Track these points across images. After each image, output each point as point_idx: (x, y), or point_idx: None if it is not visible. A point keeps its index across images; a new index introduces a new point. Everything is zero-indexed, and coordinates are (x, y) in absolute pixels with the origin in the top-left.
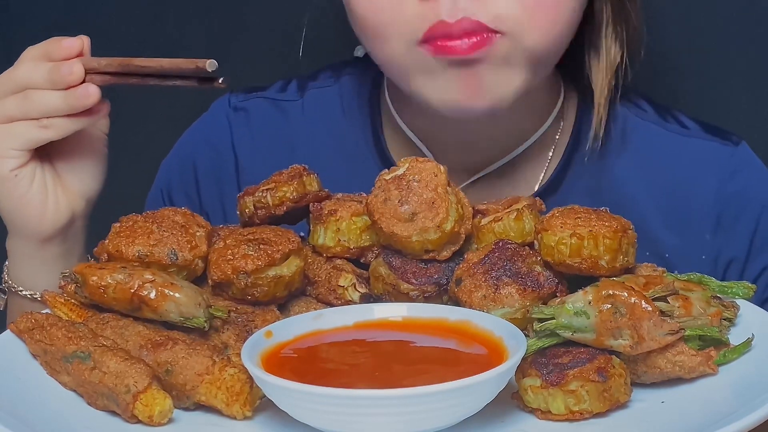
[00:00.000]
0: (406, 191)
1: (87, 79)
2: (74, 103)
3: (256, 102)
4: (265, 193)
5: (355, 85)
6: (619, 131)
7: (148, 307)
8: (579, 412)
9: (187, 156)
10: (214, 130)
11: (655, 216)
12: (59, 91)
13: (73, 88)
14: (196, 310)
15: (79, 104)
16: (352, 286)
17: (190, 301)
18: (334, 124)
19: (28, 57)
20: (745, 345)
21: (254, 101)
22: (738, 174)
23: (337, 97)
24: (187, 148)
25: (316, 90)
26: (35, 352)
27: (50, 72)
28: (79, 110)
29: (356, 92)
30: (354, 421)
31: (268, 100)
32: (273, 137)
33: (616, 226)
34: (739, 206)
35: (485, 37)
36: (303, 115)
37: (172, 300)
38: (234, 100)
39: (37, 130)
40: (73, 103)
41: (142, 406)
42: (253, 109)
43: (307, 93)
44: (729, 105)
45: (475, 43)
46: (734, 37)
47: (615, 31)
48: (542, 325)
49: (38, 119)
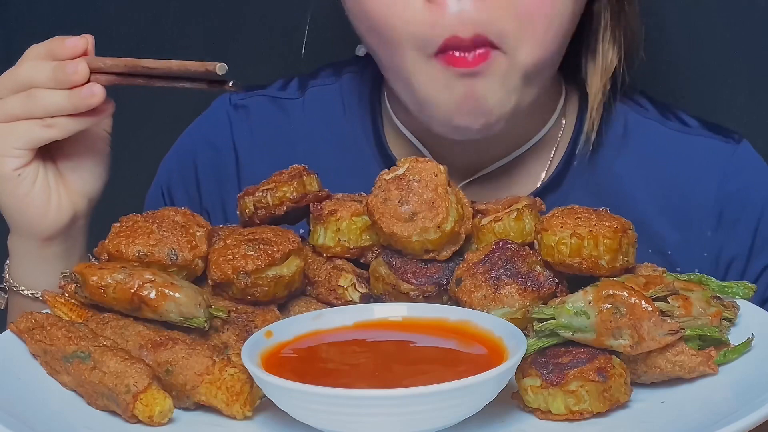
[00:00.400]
0: (406, 191)
1: (92, 78)
2: (78, 103)
3: (256, 100)
4: (265, 193)
5: (356, 83)
6: (620, 129)
7: (148, 307)
8: (579, 412)
9: (188, 154)
10: (214, 128)
11: (657, 213)
12: (63, 90)
13: (77, 87)
14: (196, 310)
15: (83, 104)
16: (352, 286)
17: (190, 301)
18: (335, 122)
19: (31, 55)
20: (745, 345)
21: (255, 99)
22: (739, 172)
23: (338, 95)
24: (188, 145)
25: (316, 88)
26: (35, 352)
27: (54, 71)
28: (83, 110)
29: (357, 91)
30: (354, 421)
31: (269, 98)
32: (273, 135)
33: (616, 226)
34: (740, 204)
35: (487, 51)
36: (303, 114)
37: (172, 300)
38: (234, 97)
39: (41, 129)
40: (78, 103)
41: (142, 406)
42: (253, 106)
43: (308, 91)
44: (729, 104)
45: (480, 56)
46: (734, 37)
47: (613, 36)
48: (542, 325)
49: (42, 118)
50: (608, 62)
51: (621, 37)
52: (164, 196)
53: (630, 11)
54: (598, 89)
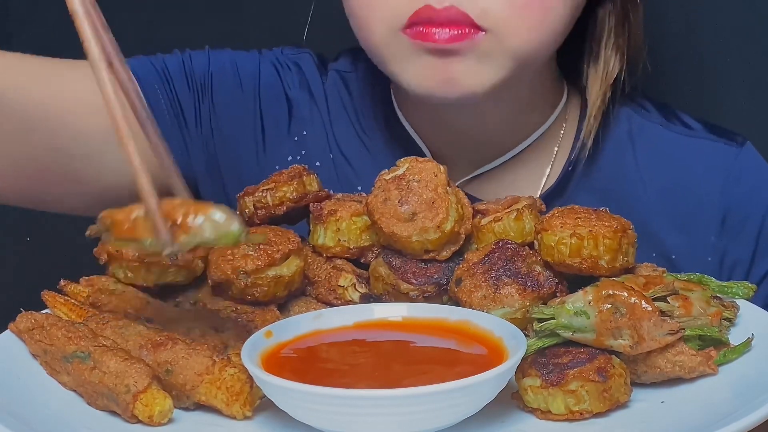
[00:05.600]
0: (406, 191)
1: None
2: None
3: (303, 57)
4: (265, 193)
5: (368, 81)
6: (623, 133)
7: (180, 229)
8: (579, 412)
9: (247, 71)
10: (274, 73)
11: (661, 217)
12: None
13: None
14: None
15: None
16: (352, 286)
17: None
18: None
19: None
20: (745, 345)
21: (302, 56)
22: (743, 175)
23: (355, 84)
24: (248, 68)
25: (336, 73)
26: (35, 352)
27: None
28: None
29: (370, 88)
30: (354, 421)
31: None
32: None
33: (616, 226)
34: (744, 208)
35: (467, 31)
36: (325, 97)
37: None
38: (287, 52)
39: None
40: None
41: (142, 406)
42: (303, 63)
43: (330, 75)
44: (729, 106)
45: (456, 36)
46: (735, 38)
47: (616, 43)
48: (542, 325)
49: None
50: (610, 69)
51: (624, 45)
52: (163, 77)
53: (635, 19)
54: (598, 96)
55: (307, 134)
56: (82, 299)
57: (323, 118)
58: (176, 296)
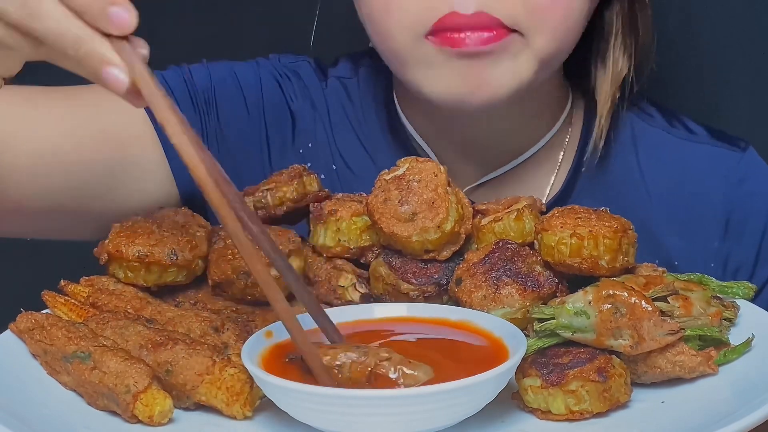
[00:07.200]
0: (406, 191)
1: None
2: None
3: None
4: (265, 193)
5: (370, 84)
6: (627, 137)
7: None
8: (579, 412)
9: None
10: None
11: (664, 223)
12: None
13: None
14: None
15: None
16: (352, 286)
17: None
18: (352, 118)
19: None
20: (745, 345)
21: (300, 65)
22: (746, 180)
23: (356, 90)
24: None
25: (336, 80)
26: (35, 352)
27: None
28: None
29: (371, 91)
30: (353, 421)
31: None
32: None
33: (616, 226)
34: (747, 213)
35: (498, 33)
36: (325, 103)
37: (411, 378)
38: (285, 60)
39: None
40: None
41: (142, 406)
42: (302, 72)
43: (329, 81)
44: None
45: (488, 38)
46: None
47: (624, 44)
48: (542, 325)
49: None
50: (618, 70)
51: (632, 46)
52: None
53: (642, 20)
54: (608, 97)
55: (312, 146)
56: (82, 299)
57: (326, 127)
58: (176, 296)
